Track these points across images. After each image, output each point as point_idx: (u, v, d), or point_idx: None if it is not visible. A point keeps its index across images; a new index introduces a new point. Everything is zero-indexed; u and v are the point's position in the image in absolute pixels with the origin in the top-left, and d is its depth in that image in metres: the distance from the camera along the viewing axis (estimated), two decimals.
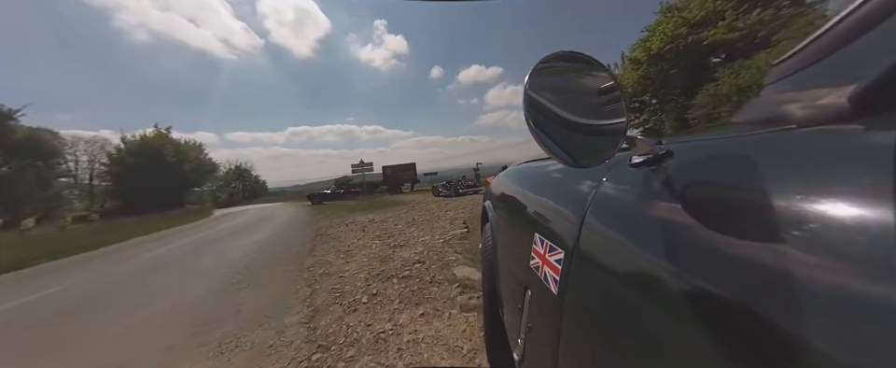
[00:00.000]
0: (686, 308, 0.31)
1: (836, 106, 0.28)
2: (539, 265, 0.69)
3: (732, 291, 0.27)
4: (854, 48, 0.29)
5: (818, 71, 0.34)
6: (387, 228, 6.66)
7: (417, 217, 7.95)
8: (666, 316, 0.33)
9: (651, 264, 0.37)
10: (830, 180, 0.25)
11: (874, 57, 0.26)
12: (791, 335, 0.21)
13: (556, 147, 0.43)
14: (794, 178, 0.27)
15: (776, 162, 0.31)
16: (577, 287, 0.53)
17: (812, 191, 0.25)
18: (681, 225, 0.35)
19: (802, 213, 0.24)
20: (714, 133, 0.52)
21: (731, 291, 0.27)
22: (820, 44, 0.34)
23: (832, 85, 0.30)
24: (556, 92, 0.45)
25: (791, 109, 0.34)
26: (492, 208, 1.45)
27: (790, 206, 0.25)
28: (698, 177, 0.39)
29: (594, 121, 0.47)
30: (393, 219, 7.91)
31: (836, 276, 0.20)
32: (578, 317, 0.52)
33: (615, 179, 0.54)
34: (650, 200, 0.44)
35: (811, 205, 0.24)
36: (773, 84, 0.42)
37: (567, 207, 0.66)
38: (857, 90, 0.26)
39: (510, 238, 1.07)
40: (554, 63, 0.47)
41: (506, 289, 1.05)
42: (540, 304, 0.68)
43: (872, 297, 0.18)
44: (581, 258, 0.53)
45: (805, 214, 0.24)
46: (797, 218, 0.24)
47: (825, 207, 0.23)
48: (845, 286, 0.20)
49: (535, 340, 0.71)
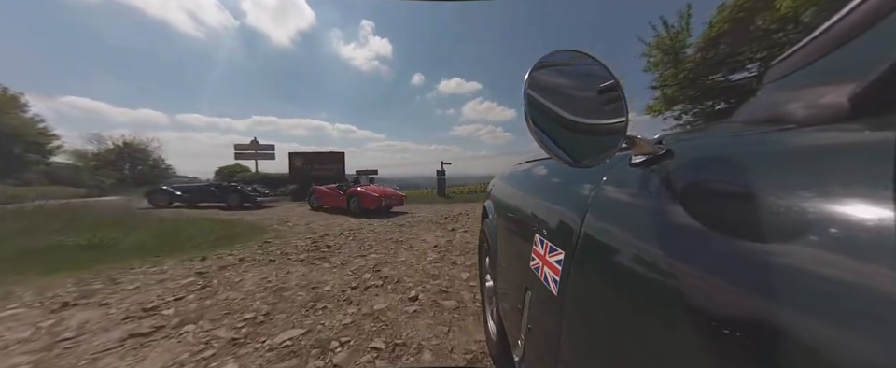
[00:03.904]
0: (686, 308, 0.31)
1: (836, 105, 0.28)
2: (539, 266, 0.68)
3: (732, 291, 0.27)
4: (853, 47, 0.29)
5: (817, 70, 0.34)
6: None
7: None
8: (667, 316, 0.33)
9: (651, 264, 0.37)
10: (830, 180, 0.25)
11: (873, 56, 0.26)
12: (791, 335, 0.21)
13: (556, 146, 0.43)
14: (794, 178, 0.27)
15: (776, 161, 0.31)
16: (577, 287, 0.53)
17: (812, 190, 0.25)
18: (681, 225, 0.35)
19: (802, 213, 0.24)
20: (714, 132, 0.52)
21: (731, 291, 0.27)
22: (819, 43, 0.34)
23: (831, 84, 0.30)
24: (556, 91, 0.45)
25: (791, 109, 0.34)
26: (492, 209, 1.45)
27: (790, 206, 0.25)
28: (698, 177, 0.39)
29: (594, 121, 0.47)
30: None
31: (836, 276, 0.20)
32: (578, 317, 0.52)
33: (615, 179, 0.54)
34: (650, 200, 0.44)
35: (811, 204, 0.24)
36: (772, 84, 0.42)
37: (567, 208, 0.66)
38: (856, 89, 0.26)
39: (510, 239, 1.07)
40: (554, 61, 0.47)
41: (506, 289, 1.05)
42: (540, 304, 0.68)
43: (872, 297, 0.18)
44: (581, 258, 0.53)
45: (805, 213, 0.24)
46: (797, 217, 0.24)
47: (825, 207, 0.23)
48: (845, 285, 0.20)
49: (535, 340, 0.71)
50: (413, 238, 4.78)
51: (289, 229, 5.88)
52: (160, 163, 33.17)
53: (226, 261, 3.54)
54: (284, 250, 4.03)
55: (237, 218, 7.61)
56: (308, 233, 5.45)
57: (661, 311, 0.34)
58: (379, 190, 8.92)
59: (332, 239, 4.77)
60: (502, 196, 1.31)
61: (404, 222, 6.54)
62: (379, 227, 5.93)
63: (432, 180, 15.51)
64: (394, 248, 4.11)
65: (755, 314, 0.24)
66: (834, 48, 0.32)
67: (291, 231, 5.65)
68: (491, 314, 1.52)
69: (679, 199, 0.38)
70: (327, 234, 5.15)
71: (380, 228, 5.83)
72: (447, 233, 5.11)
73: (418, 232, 5.38)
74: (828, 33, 0.33)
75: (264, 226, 6.22)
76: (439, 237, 4.82)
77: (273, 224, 6.48)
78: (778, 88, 0.41)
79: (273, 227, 6.12)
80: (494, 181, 1.67)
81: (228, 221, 6.81)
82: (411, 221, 6.67)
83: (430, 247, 4.15)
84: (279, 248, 4.16)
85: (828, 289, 0.20)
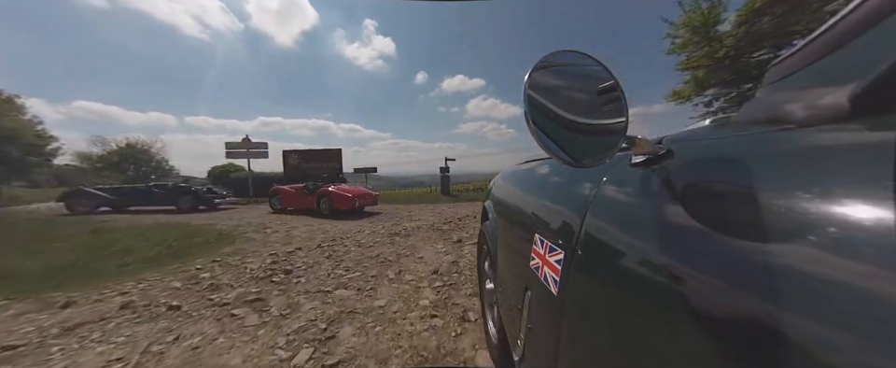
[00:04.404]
0: (686, 308, 0.31)
1: (836, 105, 0.28)
2: (539, 266, 0.69)
3: (732, 291, 0.27)
4: (854, 47, 0.29)
5: (817, 71, 0.34)
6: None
7: None
8: (667, 316, 0.33)
9: (651, 264, 0.37)
10: (830, 180, 0.25)
11: (873, 56, 0.26)
12: (791, 335, 0.21)
13: (556, 146, 0.43)
14: (794, 178, 0.27)
15: (775, 161, 0.31)
16: (577, 287, 0.53)
17: (812, 190, 0.25)
18: (681, 225, 0.35)
19: (802, 213, 0.24)
20: (714, 132, 0.52)
21: (731, 291, 0.27)
22: (820, 43, 0.34)
23: (831, 85, 0.30)
24: (556, 91, 0.46)
25: (791, 109, 0.34)
26: (492, 209, 1.45)
27: (790, 206, 0.25)
28: (698, 177, 0.39)
29: (594, 121, 0.47)
30: None
31: (836, 276, 0.20)
32: (578, 317, 0.52)
33: (615, 179, 0.54)
34: (650, 200, 0.44)
35: (811, 204, 0.24)
36: (773, 84, 0.42)
37: (567, 208, 0.66)
38: (856, 89, 0.26)
39: (510, 239, 1.07)
40: (554, 61, 0.47)
41: (506, 289, 1.05)
42: (540, 304, 0.68)
43: (872, 297, 0.18)
44: (581, 258, 0.53)
45: (804, 214, 0.24)
46: (797, 217, 0.24)
47: (825, 207, 0.23)
48: (845, 285, 0.20)
49: (535, 340, 0.71)
50: (406, 255, 3.67)
51: (264, 238, 4.91)
52: (163, 164, 33.29)
53: (106, 306, 2.38)
54: (219, 281, 2.88)
55: (207, 223, 6.61)
56: (283, 243, 4.46)
57: (661, 311, 0.34)
58: (352, 189, 8.26)
59: (302, 256, 3.72)
60: (502, 196, 1.31)
61: (399, 229, 5.45)
62: (368, 237, 4.84)
63: (437, 178, 14.92)
64: (376, 277, 2.88)
65: (755, 314, 0.24)
66: (835, 48, 0.32)
67: (265, 241, 4.71)
68: (491, 316, 1.52)
69: (679, 199, 0.38)
70: (299, 249, 4.10)
71: (369, 237, 4.78)
72: (451, 248, 3.95)
73: (415, 243, 4.30)
74: (828, 33, 0.33)
75: (234, 234, 5.23)
76: (440, 255, 3.65)
77: (248, 232, 5.54)
78: (779, 88, 0.41)
79: (245, 235, 5.15)
80: (494, 181, 1.67)
81: (190, 230, 5.69)
82: (408, 228, 5.57)
83: (427, 273, 2.95)
84: (215, 278, 2.99)
85: (828, 289, 0.20)
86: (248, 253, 3.96)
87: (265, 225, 6.27)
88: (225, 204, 10.38)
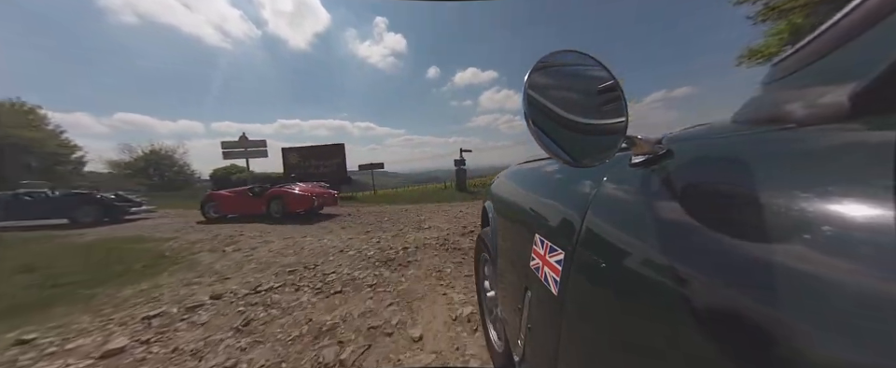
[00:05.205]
0: (686, 308, 0.31)
1: (836, 105, 0.28)
2: (539, 266, 0.68)
3: (732, 291, 0.27)
4: (854, 46, 0.29)
5: (817, 70, 0.34)
6: None
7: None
8: (667, 316, 0.33)
9: (651, 264, 0.37)
10: (830, 180, 0.25)
11: (873, 56, 0.26)
12: (791, 335, 0.21)
13: (556, 146, 0.43)
14: (794, 178, 0.27)
15: (776, 161, 0.31)
16: (577, 287, 0.53)
17: (812, 190, 0.25)
18: (681, 225, 0.35)
19: (802, 212, 0.24)
20: (714, 132, 0.52)
21: (731, 291, 0.27)
22: (820, 42, 0.34)
23: (832, 84, 0.30)
24: (556, 91, 0.46)
25: (791, 109, 0.34)
26: (492, 209, 1.45)
27: (789, 206, 0.25)
28: (698, 177, 0.39)
29: (594, 121, 0.47)
30: None
31: (836, 276, 0.20)
32: (578, 317, 0.52)
33: (615, 179, 0.54)
34: (650, 200, 0.44)
35: (811, 204, 0.24)
36: (773, 83, 0.42)
37: (568, 208, 0.66)
38: (857, 89, 0.26)
39: (510, 239, 1.07)
40: (554, 62, 0.47)
41: (506, 289, 1.05)
42: (540, 304, 0.68)
43: (872, 296, 0.18)
44: (581, 258, 0.53)
45: (804, 213, 0.24)
46: (797, 217, 0.24)
47: (825, 207, 0.23)
48: (845, 285, 0.20)
49: (535, 341, 0.71)
50: (390, 333, 1.79)
51: (186, 264, 3.35)
52: (185, 169, 35.00)
53: None
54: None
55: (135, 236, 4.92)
56: (215, 279, 2.80)
57: (661, 311, 0.34)
58: (309, 189, 7.32)
59: (224, 313, 2.12)
60: (502, 196, 1.31)
61: (397, 247, 3.76)
62: (346, 263, 3.20)
63: (452, 173, 13.63)
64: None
65: (755, 313, 0.24)
66: (835, 47, 0.31)
67: (189, 268, 3.17)
68: (490, 318, 1.52)
69: (679, 199, 0.38)
70: (242, 287, 2.57)
71: (346, 266, 3.10)
72: (474, 306, 2.00)
73: (413, 286, 2.46)
74: (828, 33, 0.33)
75: (166, 259, 3.66)
76: (455, 324, 1.84)
77: (182, 251, 3.99)
78: (779, 88, 0.41)
79: (171, 257, 3.64)
80: (494, 181, 1.67)
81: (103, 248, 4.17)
82: (409, 246, 3.79)
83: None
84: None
85: (828, 288, 0.20)
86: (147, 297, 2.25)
87: (178, 249, 4.23)
88: (140, 212, 8.61)
